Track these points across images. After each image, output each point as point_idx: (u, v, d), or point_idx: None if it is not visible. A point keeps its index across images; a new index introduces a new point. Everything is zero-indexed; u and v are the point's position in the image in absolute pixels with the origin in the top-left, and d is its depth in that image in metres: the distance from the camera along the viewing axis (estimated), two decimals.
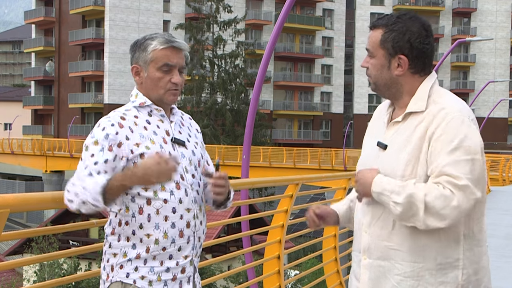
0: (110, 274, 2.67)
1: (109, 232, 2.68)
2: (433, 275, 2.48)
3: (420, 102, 2.53)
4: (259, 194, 46.95)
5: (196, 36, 50.66)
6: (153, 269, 2.63)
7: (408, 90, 2.58)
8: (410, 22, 2.55)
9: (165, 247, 2.62)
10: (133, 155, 2.61)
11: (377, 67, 2.59)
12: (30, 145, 52.03)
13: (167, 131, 2.73)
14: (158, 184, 2.60)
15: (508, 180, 28.77)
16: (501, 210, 15.84)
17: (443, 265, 2.48)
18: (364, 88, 69.87)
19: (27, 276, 28.46)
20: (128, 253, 2.63)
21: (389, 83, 2.59)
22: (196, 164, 2.78)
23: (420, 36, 2.54)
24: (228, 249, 30.93)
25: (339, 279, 6.37)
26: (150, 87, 2.72)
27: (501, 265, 8.36)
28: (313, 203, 5.98)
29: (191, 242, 2.70)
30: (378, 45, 2.58)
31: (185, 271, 2.69)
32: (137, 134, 2.64)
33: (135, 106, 2.73)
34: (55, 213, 33.78)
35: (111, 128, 2.61)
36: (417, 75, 2.57)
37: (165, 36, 2.70)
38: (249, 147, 10.57)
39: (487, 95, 69.30)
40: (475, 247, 2.53)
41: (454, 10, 71.44)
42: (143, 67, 2.72)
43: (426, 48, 2.55)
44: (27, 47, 70.06)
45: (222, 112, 50.61)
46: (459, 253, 2.49)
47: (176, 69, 2.71)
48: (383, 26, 2.58)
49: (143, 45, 2.71)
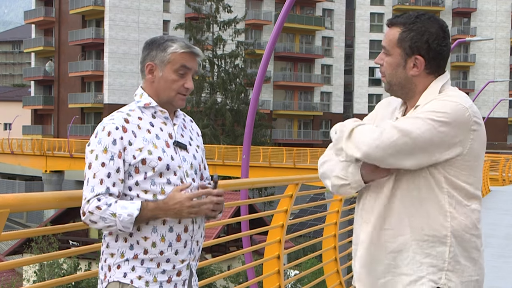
0: (107, 274, 2.67)
1: (107, 233, 2.69)
2: (420, 246, 2.50)
3: (431, 96, 2.54)
4: (259, 194, 46.94)
5: (196, 36, 50.63)
6: (149, 270, 2.63)
7: (421, 90, 2.58)
8: (429, 22, 2.54)
9: (162, 250, 2.64)
10: (135, 160, 2.61)
11: (393, 66, 2.58)
12: (30, 145, 52.01)
13: (170, 134, 2.73)
14: (158, 188, 2.63)
15: (508, 180, 28.77)
16: (501, 210, 15.84)
17: (430, 237, 2.49)
18: (364, 88, 69.88)
19: (27, 276, 28.47)
20: (126, 253, 2.64)
21: (403, 83, 2.58)
22: (197, 168, 2.79)
23: (438, 37, 2.53)
24: (228, 249, 30.93)
25: (339, 279, 6.37)
26: (162, 87, 2.72)
27: (500, 265, 8.37)
28: (313, 203, 6.01)
29: (188, 246, 2.70)
30: (395, 44, 2.57)
31: (180, 274, 2.70)
32: (140, 138, 2.64)
33: (139, 107, 2.73)
34: (55, 213, 33.79)
35: (116, 133, 2.61)
36: (431, 76, 2.57)
37: (184, 41, 2.74)
38: (249, 147, 10.57)
39: (487, 95, 69.31)
40: (465, 229, 2.52)
41: (454, 10, 71.44)
42: (159, 66, 2.72)
43: (443, 50, 2.55)
44: (27, 47, 70.05)
45: (222, 112, 50.60)
46: (446, 229, 2.49)
47: (191, 73, 2.74)
48: (401, 25, 2.57)
49: (162, 45, 2.72)
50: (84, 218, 2.59)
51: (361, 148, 2.44)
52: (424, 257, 2.50)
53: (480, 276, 2.58)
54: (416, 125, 2.42)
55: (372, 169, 2.51)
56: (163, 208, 2.59)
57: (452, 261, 2.50)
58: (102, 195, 2.57)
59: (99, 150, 2.60)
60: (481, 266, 2.59)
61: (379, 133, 2.43)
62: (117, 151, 2.60)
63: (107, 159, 2.59)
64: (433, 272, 2.50)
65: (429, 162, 2.46)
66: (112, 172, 2.59)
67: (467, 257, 2.54)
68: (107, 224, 2.56)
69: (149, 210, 2.58)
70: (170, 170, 2.66)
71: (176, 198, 2.60)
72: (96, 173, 2.59)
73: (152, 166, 2.62)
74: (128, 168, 2.62)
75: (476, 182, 2.56)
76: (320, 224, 6.62)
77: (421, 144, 2.42)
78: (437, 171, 2.49)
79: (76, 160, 46.56)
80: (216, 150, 40.57)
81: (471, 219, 2.54)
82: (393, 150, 2.41)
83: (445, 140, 2.43)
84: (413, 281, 2.51)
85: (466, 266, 2.53)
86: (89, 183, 2.60)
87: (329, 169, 2.62)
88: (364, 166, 2.52)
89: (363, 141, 2.44)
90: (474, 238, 2.55)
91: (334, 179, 2.59)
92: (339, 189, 2.59)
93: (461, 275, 2.52)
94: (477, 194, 2.57)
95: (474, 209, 2.55)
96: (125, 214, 2.54)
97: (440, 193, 2.50)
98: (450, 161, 2.48)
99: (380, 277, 2.58)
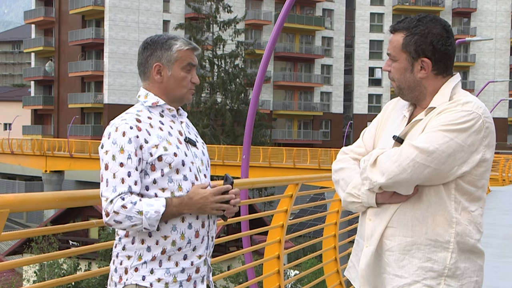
0: (123, 277, 2.64)
1: (123, 235, 2.67)
2: (421, 250, 2.50)
3: (443, 98, 2.55)
4: (259, 194, 46.91)
5: (196, 36, 50.60)
6: (169, 271, 2.62)
7: (431, 92, 2.59)
8: (432, 24, 2.56)
9: (180, 247, 2.64)
10: (152, 158, 2.61)
11: (400, 71, 2.60)
12: (30, 145, 51.98)
13: (180, 131, 2.75)
14: (175, 185, 2.63)
15: (508, 180, 28.77)
16: (501, 210, 15.84)
17: (432, 241, 2.49)
18: (363, 88, 69.87)
19: (27, 276, 28.47)
20: (143, 256, 2.62)
21: (412, 86, 2.60)
22: (207, 164, 2.81)
23: (442, 38, 2.55)
24: (228, 249, 30.92)
25: (339, 279, 6.37)
26: (173, 86, 2.74)
27: (500, 265, 8.36)
28: (313, 203, 6.01)
29: (205, 242, 2.72)
30: (400, 49, 2.59)
31: (199, 270, 2.70)
32: (154, 136, 2.64)
33: (146, 107, 2.73)
34: (55, 213, 33.78)
35: (131, 132, 2.60)
36: (440, 76, 2.59)
37: (183, 38, 2.78)
38: (249, 147, 10.57)
39: (487, 95, 69.31)
40: (468, 236, 2.52)
41: (454, 10, 71.44)
42: (167, 66, 2.73)
43: (448, 50, 2.57)
44: (27, 47, 70.03)
45: (222, 112, 50.58)
46: (450, 234, 2.50)
47: (195, 69, 2.78)
48: (405, 29, 2.59)
49: (166, 44, 2.73)
50: (108, 218, 2.55)
51: (384, 173, 2.46)
52: (424, 261, 2.50)
53: (480, 277, 2.58)
54: (432, 140, 2.44)
55: (390, 194, 2.53)
56: (187, 203, 2.60)
57: (452, 267, 2.50)
58: (125, 194, 2.55)
59: (116, 151, 2.59)
60: (481, 266, 2.58)
61: (398, 155, 2.45)
62: (134, 150, 2.59)
63: (125, 159, 2.58)
64: (431, 277, 2.49)
65: (450, 176, 2.47)
66: (132, 171, 2.58)
67: (467, 259, 2.53)
68: (133, 223, 2.54)
69: (174, 206, 2.58)
70: (186, 166, 2.66)
71: (200, 193, 2.62)
72: (116, 173, 2.57)
73: (168, 162, 2.61)
74: (144, 167, 2.61)
75: (485, 184, 2.58)
76: (320, 224, 6.62)
77: (439, 158, 2.43)
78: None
79: (76, 160, 46.57)
80: (216, 150, 40.56)
81: (474, 224, 2.55)
82: (412, 168, 2.43)
83: (464, 150, 2.45)
84: (407, 284, 2.51)
85: (466, 268, 2.53)
86: (109, 184, 2.57)
87: (344, 181, 2.64)
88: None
89: (386, 166, 2.46)
90: (476, 242, 2.55)
91: (347, 195, 2.61)
92: (349, 205, 2.62)
93: (461, 278, 2.52)
94: (483, 196, 2.58)
95: (478, 214, 2.56)
96: (152, 211, 2.54)
97: (448, 200, 2.51)
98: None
99: (377, 275, 2.59)
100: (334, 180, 2.71)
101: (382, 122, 2.75)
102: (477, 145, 2.47)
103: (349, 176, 2.63)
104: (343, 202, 2.64)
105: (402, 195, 2.51)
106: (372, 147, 2.71)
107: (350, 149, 2.75)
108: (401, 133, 2.58)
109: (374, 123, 2.79)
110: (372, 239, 2.58)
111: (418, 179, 2.44)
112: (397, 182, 2.45)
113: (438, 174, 2.45)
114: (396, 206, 2.54)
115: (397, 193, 2.51)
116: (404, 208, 2.52)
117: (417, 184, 2.48)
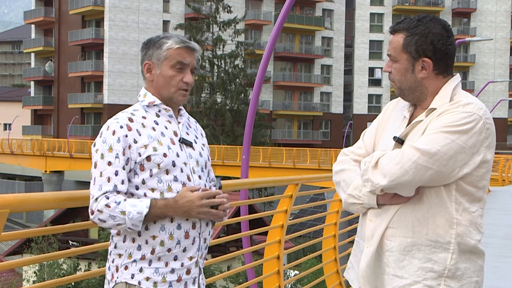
0: (115, 275, 2.66)
1: (115, 233, 2.68)
2: (421, 251, 2.50)
3: (443, 99, 2.55)
4: (258, 194, 46.95)
5: (196, 36, 50.63)
6: (158, 270, 2.62)
7: (432, 92, 2.60)
8: (431, 24, 2.56)
9: (170, 248, 2.63)
10: (140, 158, 2.62)
11: (401, 72, 2.60)
12: (30, 145, 51.99)
13: (175, 131, 2.74)
14: (165, 186, 2.63)
15: (508, 180, 28.78)
16: (501, 210, 15.83)
17: (433, 242, 2.50)
18: (363, 88, 69.87)
19: (26, 276, 28.47)
20: (133, 254, 2.63)
21: (414, 86, 2.60)
22: (203, 166, 2.79)
23: (442, 37, 2.56)
24: (228, 249, 30.91)
25: (339, 279, 6.37)
26: (162, 85, 2.73)
27: (500, 265, 8.36)
28: (313, 203, 6.01)
29: (197, 243, 2.70)
30: (401, 50, 2.59)
31: (190, 272, 2.69)
32: (145, 136, 2.64)
33: (143, 106, 2.73)
34: (54, 213, 33.80)
35: (120, 131, 2.62)
36: (440, 76, 2.59)
37: (179, 37, 2.75)
38: (248, 147, 10.57)
39: (486, 95, 69.31)
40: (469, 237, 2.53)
41: (454, 10, 71.44)
42: (156, 64, 2.73)
43: (448, 49, 2.57)
44: (26, 47, 70.04)
45: (222, 112, 50.62)
46: (450, 235, 2.50)
47: (189, 68, 2.75)
48: (405, 30, 2.59)
49: (157, 43, 2.73)
50: (93, 217, 2.58)
51: (386, 175, 2.46)
52: (425, 262, 2.50)
53: (480, 277, 2.58)
54: (434, 142, 2.44)
55: (390, 195, 2.53)
56: (172, 206, 2.59)
57: (453, 268, 2.50)
58: (110, 193, 2.57)
59: (105, 149, 2.61)
60: (481, 267, 2.59)
61: (400, 157, 2.45)
62: (122, 149, 2.60)
63: (113, 158, 2.59)
64: (431, 278, 2.50)
65: (452, 177, 2.47)
66: (119, 170, 2.59)
67: (467, 260, 2.54)
68: (116, 222, 2.55)
69: (158, 208, 2.58)
70: (176, 167, 2.66)
71: (187, 197, 2.60)
72: (103, 172, 2.59)
73: (157, 162, 2.62)
74: (133, 166, 2.62)
75: (486, 185, 2.58)
76: (320, 224, 6.62)
77: (441, 160, 2.43)
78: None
79: (76, 160, 46.57)
80: (216, 150, 40.56)
81: (475, 225, 2.55)
82: (414, 170, 2.43)
83: (465, 152, 2.45)
84: (407, 285, 2.51)
85: (466, 269, 2.53)
86: (96, 182, 2.60)
87: (344, 183, 2.65)
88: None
89: (388, 168, 2.46)
90: (477, 243, 2.55)
91: (348, 197, 2.62)
92: (350, 206, 2.63)
93: (461, 278, 2.52)
94: (484, 197, 2.59)
95: (478, 215, 2.56)
96: (134, 212, 2.54)
97: (449, 201, 2.51)
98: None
99: (377, 275, 2.59)
100: (335, 182, 2.71)
101: (382, 123, 2.75)
102: (478, 147, 2.47)
103: (350, 177, 2.63)
104: (344, 203, 2.65)
105: (403, 197, 2.51)
106: (372, 148, 2.71)
107: (351, 151, 2.75)
108: (401, 134, 2.58)
109: (374, 124, 2.79)
110: (372, 240, 2.58)
111: (420, 181, 2.45)
112: (399, 184, 2.45)
113: (439, 176, 2.45)
114: (397, 207, 2.54)
115: (398, 194, 2.51)
116: (405, 209, 2.53)
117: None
